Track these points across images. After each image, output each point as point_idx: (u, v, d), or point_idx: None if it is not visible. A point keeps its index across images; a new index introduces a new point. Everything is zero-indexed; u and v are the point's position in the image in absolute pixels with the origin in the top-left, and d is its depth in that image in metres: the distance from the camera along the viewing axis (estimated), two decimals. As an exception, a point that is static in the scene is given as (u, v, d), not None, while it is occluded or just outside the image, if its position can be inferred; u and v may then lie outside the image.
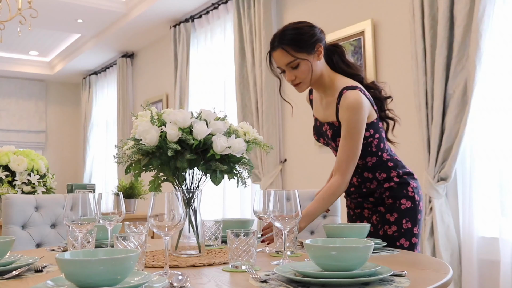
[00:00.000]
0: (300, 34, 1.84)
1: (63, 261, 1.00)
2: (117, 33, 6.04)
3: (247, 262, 1.35)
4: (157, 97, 6.24)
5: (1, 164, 2.92)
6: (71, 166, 8.65)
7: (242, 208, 4.64)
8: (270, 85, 4.20)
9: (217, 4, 4.96)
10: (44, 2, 5.09)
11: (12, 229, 2.17)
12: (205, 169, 1.51)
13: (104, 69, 7.59)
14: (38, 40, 7.05)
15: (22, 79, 8.40)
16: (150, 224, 1.31)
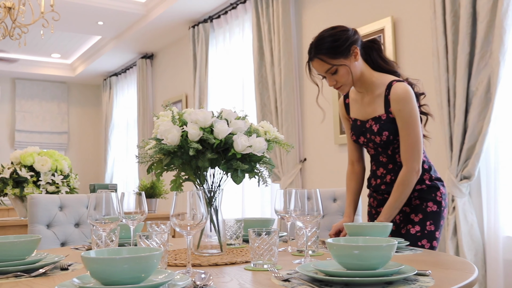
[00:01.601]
0: (334, 41, 1.89)
1: (88, 259, 1.02)
2: (137, 34, 6.10)
3: (269, 261, 1.36)
4: (177, 97, 6.28)
5: (26, 164, 2.98)
6: (93, 167, 8.77)
7: (262, 207, 4.64)
8: (289, 84, 4.19)
9: (236, 4, 4.97)
10: (65, 5, 5.16)
11: (38, 228, 2.20)
12: (226, 168, 1.52)
13: (124, 70, 7.67)
14: (60, 42, 7.16)
15: (44, 81, 8.54)
16: (172, 223, 1.32)
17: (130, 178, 7.37)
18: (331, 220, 2.51)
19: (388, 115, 1.91)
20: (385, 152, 1.98)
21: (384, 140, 1.92)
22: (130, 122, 7.51)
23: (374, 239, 1.27)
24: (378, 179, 2.04)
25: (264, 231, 1.37)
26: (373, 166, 2.07)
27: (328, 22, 4.00)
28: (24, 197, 3.01)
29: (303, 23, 4.31)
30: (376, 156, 2.03)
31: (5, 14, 3.80)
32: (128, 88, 7.60)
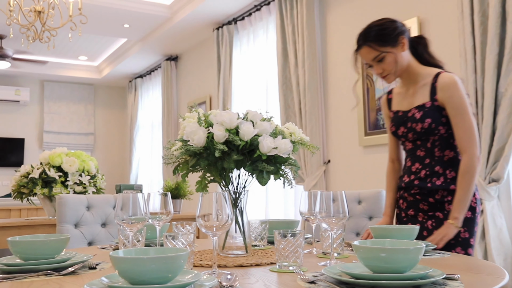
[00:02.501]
0: (382, 30, 1.94)
1: (116, 258, 1.03)
2: (162, 36, 6.17)
3: (295, 262, 1.35)
4: (201, 98, 6.33)
5: (54, 165, 3.04)
6: (118, 167, 8.89)
7: (286, 209, 4.64)
8: (313, 85, 4.18)
9: (260, 6, 4.98)
10: (93, 8, 5.25)
11: (66, 228, 2.25)
12: (252, 170, 1.52)
13: (149, 72, 7.76)
14: (87, 45, 7.28)
15: (72, 83, 8.70)
16: (198, 224, 1.33)
17: (154, 179, 7.45)
18: (356, 223, 2.49)
19: (433, 102, 1.89)
20: (424, 145, 1.94)
21: (426, 128, 1.89)
22: (154, 123, 7.59)
23: (401, 242, 1.26)
24: (411, 175, 1.98)
25: (289, 233, 1.37)
26: (408, 163, 2.02)
27: (353, 23, 3.98)
28: (53, 197, 3.07)
29: (328, 25, 4.29)
30: (413, 150, 1.98)
31: (35, 18, 3.89)
32: (153, 89, 7.69)
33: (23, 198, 3.05)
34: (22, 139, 8.24)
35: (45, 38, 4.10)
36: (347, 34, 4.05)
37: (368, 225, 2.46)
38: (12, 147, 8.16)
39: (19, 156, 8.17)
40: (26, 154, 8.27)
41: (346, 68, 4.05)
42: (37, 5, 3.91)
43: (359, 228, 2.51)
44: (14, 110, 8.32)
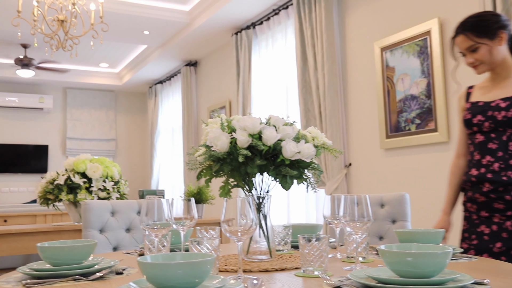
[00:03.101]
0: (482, 21, 1.96)
1: (144, 264, 1.05)
2: (181, 42, 6.22)
3: (320, 267, 1.35)
4: (220, 103, 6.36)
5: (79, 171, 3.09)
6: (139, 173, 8.98)
7: (307, 213, 4.63)
8: (333, 88, 4.16)
9: (278, 10, 4.99)
10: (113, 16, 5.33)
11: (91, 233, 2.28)
12: (275, 175, 1.53)
13: (169, 78, 7.83)
14: (108, 52, 7.39)
15: (93, 90, 8.84)
16: (223, 229, 1.34)
17: (175, 184, 7.50)
18: (379, 226, 2.48)
19: None
20: (499, 138, 1.88)
21: (509, 117, 1.84)
22: (175, 129, 7.65)
23: (428, 246, 1.25)
24: (482, 168, 1.90)
25: (314, 237, 1.37)
26: (476, 156, 1.94)
27: (372, 25, 3.96)
28: (77, 202, 3.12)
29: (346, 27, 4.27)
30: (484, 143, 1.92)
31: (58, 27, 3.96)
32: (173, 95, 7.76)
33: (49, 204, 3.11)
34: (46, 146, 8.39)
35: (68, 47, 4.18)
36: (367, 36, 4.03)
37: (391, 229, 2.44)
38: (37, 154, 8.31)
39: (43, 162, 8.32)
40: (50, 160, 8.42)
41: (366, 70, 4.03)
42: (60, 14, 3.98)
43: (382, 232, 2.49)
44: (38, 117, 8.47)
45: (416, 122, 3.52)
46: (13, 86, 8.31)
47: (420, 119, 3.50)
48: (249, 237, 1.58)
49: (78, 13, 3.94)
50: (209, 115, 6.65)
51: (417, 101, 3.51)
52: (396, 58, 3.69)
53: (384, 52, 3.79)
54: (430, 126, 3.42)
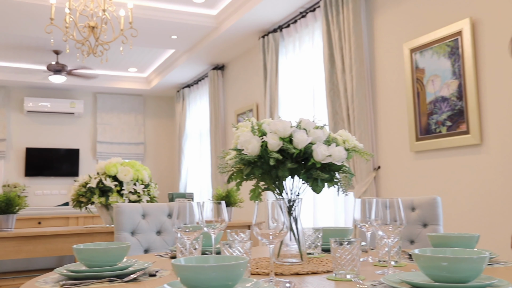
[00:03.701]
0: None
1: (179, 266, 1.06)
2: (208, 46, 6.28)
3: (352, 271, 1.35)
4: (248, 107, 6.38)
5: (110, 174, 3.14)
6: (168, 176, 9.08)
7: (335, 216, 4.60)
8: (361, 91, 4.13)
9: (305, 13, 4.99)
10: (142, 21, 5.41)
11: (123, 235, 2.31)
12: (306, 178, 1.53)
13: (196, 82, 7.90)
14: (136, 57, 7.51)
15: (122, 94, 8.99)
16: (255, 232, 1.35)
17: (203, 187, 7.56)
18: (410, 230, 2.44)
19: None
20: None
21: None
22: (202, 132, 7.71)
23: (464, 250, 1.23)
24: None
25: (346, 241, 1.36)
26: None
27: (401, 26, 3.92)
28: (109, 205, 3.18)
29: (375, 29, 4.24)
30: None
31: (89, 33, 4.04)
32: (200, 99, 7.82)
33: (81, 206, 3.17)
34: (77, 150, 8.56)
35: (98, 52, 4.26)
36: (395, 37, 3.99)
37: (422, 233, 2.40)
38: (68, 157, 8.49)
39: (74, 166, 8.50)
40: (81, 164, 8.59)
41: (395, 72, 3.99)
42: (91, 21, 4.07)
43: (413, 235, 2.46)
44: (70, 122, 8.66)
45: (447, 124, 3.46)
46: (46, 91, 8.51)
47: (451, 121, 3.44)
48: (281, 240, 1.58)
49: (108, 19, 4.02)
50: (236, 119, 6.68)
51: (448, 103, 3.45)
52: (426, 59, 3.64)
53: (413, 53, 3.74)
54: (462, 128, 3.36)
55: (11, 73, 7.85)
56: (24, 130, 8.37)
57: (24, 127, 8.38)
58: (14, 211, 3.06)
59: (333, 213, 4.65)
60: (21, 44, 6.78)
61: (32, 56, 7.32)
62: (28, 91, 8.42)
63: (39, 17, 5.26)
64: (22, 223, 4.35)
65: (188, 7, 5.51)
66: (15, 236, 2.93)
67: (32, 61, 7.52)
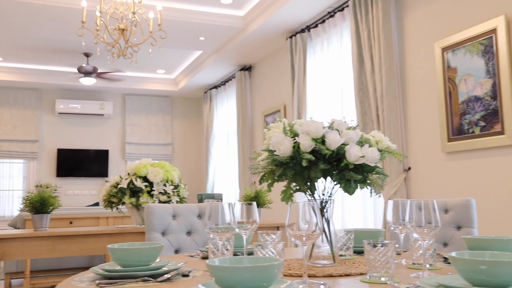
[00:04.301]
0: None
1: (213, 267, 1.06)
2: (236, 47, 6.30)
3: (386, 273, 1.33)
4: (275, 107, 6.37)
5: (140, 175, 3.18)
6: (195, 176, 9.14)
7: (364, 217, 4.55)
8: (390, 91, 4.08)
9: (333, 12, 4.95)
10: (170, 23, 5.47)
11: (154, 236, 2.34)
12: (339, 179, 1.51)
13: (223, 83, 7.94)
14: (164, 59, 7.58)
15: (150, 96, 9.09)
16: (288, 233, 1.34)
17: (230, 187, 7.58)
18: (443, 232, 2.40)
19: None
20: None
21: None
22: (230, 133, 7.74)
23: (503, 254, 1.19)
24: None
25: (379, 243, 1.34)
26: None
27: (432, 25, 3.85)
28: (140, 206, 3.21)
29: (405, 28, 4.18)
30: None
31: (119, 35, 4.10)
32: (227, 99, 7.85)
33: (112, 207, 3.22)
34: (107, 151, 8.70)
35: (128, 54, 4.32)
36: (426, 36, 3.92)
37: (456, 235, 2.35)
38: (98, 158, 8.64)
39: (104, 167, 8.64)
40: (110, 164, 8.73)
41: (426, 71, 3.92)
42: (121, 23, 4.12)
43: (447, 238, 2.41)
44: (99, 123, 8.81)
45: (481, 124, 3.39)
46: (76, 93, 8.68)
47: (484, 121, 3.36)
48: (314, 242, 1.57)
49: (138, 22, 4.07)
50: (263, 119, 6.68)
51: (482, 103, 3.38)
52: (458, 58, 3.57)
53: (445, 52, 3.68)
54: (496, 128, 3.28)
55: (43, 76, 8.04)
56: (55, 131, 8.55)
57: (56, 129, 8.56)
58: (48, 211, 3.12)
59: (361, 214, 4.60)
60: (53, 48, 6.94)
61: (63, 59, 7.47)
62: (60, 93, 8.60)
63: (71, 20, 5.37)
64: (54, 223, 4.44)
65: (215, 8, 5.54)
66: (49, 235, 2.99)
67: (64, 63, 7.68)
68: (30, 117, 8.33)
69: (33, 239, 2.96)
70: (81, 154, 8.56)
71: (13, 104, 8.28)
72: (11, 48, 6.95)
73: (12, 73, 7.88)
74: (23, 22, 5.46)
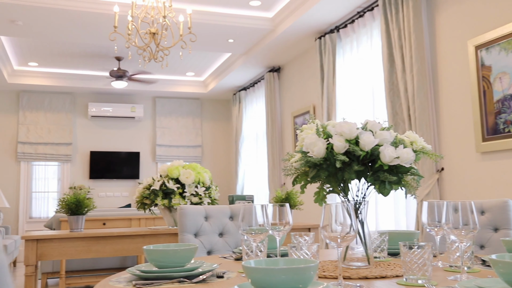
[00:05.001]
0: None
1: (249, 268, 1.07)
2: (265, 49, 6.31)
3: (423, 276, 1.31)
4: (304, 108, 6.35)
5: (172, 177, 3.22)
6: (225, 178, 9.19)
7: (396, 218, 4.49)
8: (422, 90, 4.02)
9: (363, 12, 4.91)
10: (199, 26, 5.52)
11: (187, 237, 2.36)
12: (373, 180, 1.50)
13: (252, 85, 7.96)
14: (194, 61, 7.66)
15: (180, 98, 9.19)
16: (322, 235, 1.33)
17: (260, 189, 7.59)
18: (480, 234, 2.34)
19: None
20: None
21: None
22: (259, 134, 7.75)
23: (546, 257, 1.16)
24: None
25: (416, 245, 1.33)
26: None
27: (465, 23, 3.78)
28: (172, 207, 3.25)
29: (437, 26, 4.11)
30: None
31: (150, 39, 4.16)
32: (256, 101, 7.87)
33: (145, 208, 3.26)
34: (138, 153, 8.83)
35: (159, 58, 4.38)
36: (459, 34, 3.85)
37: (493, 237, 2.30)
38: (129, 160, 8.78)
39: (135, 169, 8.77)
40: (141, 167, 8.85)
41: (459, 70, 3.84)
42: (152, 27, 4.18)
43: (483, 240, 2.36)
44: (130, 126, 8.95)
45: (517, 123, 3.30)
46: (107, 96, 8.84)
47: (521, 120, 3.28)
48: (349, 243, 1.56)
49: (168, 25, 4.12)
50: (293, 121, 6.67)
51: (518, 101, 3.29)
52: (492, 56, 3.49)
53: (478, 50, 3.60)
54: (533, 127, 3.19)
55: (76, 80, 8.22)
56: (88, 134, 8.73)
57: (88, 132, 8.74)
58: (83, 212, 3.19)
59: (393, 215, 4.54)
60: (86, 52, 7.09)
61: (95, 63, 7.63)
62: (92, 96, 8.77)
63: (103, 26, 5.48)
64: (88, 224, 4.54)
65: (244, 10, 5.56)
66: (85, 236, 3.06)
67: (96, 68, 7.84)
68: (64, 120, 8.52)
69: (69, 240, 3.03)
70: (112, 157, 8.71)
71: (48, 108, 8.49)
72: (46, 53, 7.14)
73: (47, 78, 8.09)
74: (58, 28, 5.60)
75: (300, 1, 5.15)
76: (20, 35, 5.86)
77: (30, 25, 5.48)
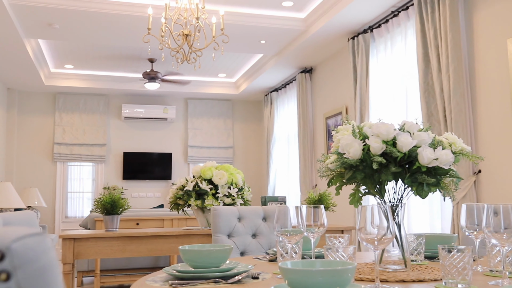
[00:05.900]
0: None
1: (286, 269, 1.06)
2: (297, 50, 6.29)
3: (463, 280, 1.27)
4: (336, 109, 6.30)
5: (205, 178, 3.24)
6: (256, 179, 9.20)
7: (431, 221, 4.40)
8: (459, 91, 3.93)
9: (397, 12, 4.84)
10: (232, 27, 5.54)
11: (220, 238, 2.37)
12: (411, 182, 1.47)
13: (284, 86, 7.94)
14: (225, 63, 7.70)
15: (212, 99, 9.25)
16: (359, 237, 1.32)
17: (291, 190, 7.57)
18: (520, 239, 2.27)
19: None
20: None
21: None
22: (290, 136, 7.73)
23: None
24: None
25: (455, 248, 1.29)
26: None
27: (504, 21, 3.67)
28: (205, 208, 3.27)
29: (474, 25, 4.01)
30: None
31: (183, 41, 4.21)
32: (288, 102, 7.85)
33: (178, 209, 3.29)
34: (170, 154, 8.93)
35: (192, 59, 4.41)
36: (498, 33, 3.75)
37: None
38: (161, 161, 8.89)
39: (167, 169, 8.87)
40: (174, 167, 8.95)
41: (498, 70, 3.74)
42: (185, 29, 4.22)
43: (524, 244, 2.28)
44: (163, 127, 9.06)
45: (559, 124, 3.19)
46: (140, 98, 8.98)
47: None
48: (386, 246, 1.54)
49: (201, 27, 4.15)
50: (325, 122, 6.62)
51: (560, 101, 3.18)
52: (533, 55, 3.38)
53: (518, 49, 3.50)
54: None
55: (110, 82, 8.38)
56: (121, 135, 8.88)
57: (122, 133, 8.89)
58: (118, 212, 3.24)
59: (428, 218, 4.46)
60: (120, 55, 7.22)
61: (129, 65, 7.76)
62: (125, 98, 8.92)
63: (136, 28, 5.57)
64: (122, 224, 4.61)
65: (277, 11, 5.55)
66: (120, 236, 3.11)
67: (129, 69, 7.97)
68: (98, 121, 8.70)
69: (105, 239, 3.08)
70: (145, 157, 8.83)
71: (83, 110, 8.68)
72: (81, 56, 7.31)
73: (82, 80, 8.27)
74: (93, 31, 5.72)
75: (333, 1, 5.11)
76: (56, 38, 6.01)
77: (66, 28, 5.62)
